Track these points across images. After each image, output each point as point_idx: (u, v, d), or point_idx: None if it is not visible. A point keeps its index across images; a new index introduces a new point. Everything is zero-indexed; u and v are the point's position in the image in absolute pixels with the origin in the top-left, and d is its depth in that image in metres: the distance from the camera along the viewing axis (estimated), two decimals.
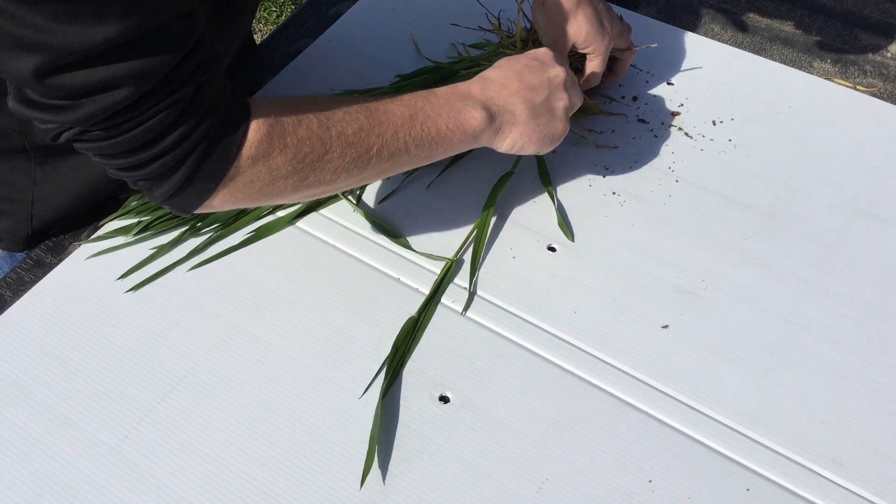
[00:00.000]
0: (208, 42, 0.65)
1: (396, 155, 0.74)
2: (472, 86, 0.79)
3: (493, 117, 0.78)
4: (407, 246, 0.87)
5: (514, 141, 0.80)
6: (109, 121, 0.61)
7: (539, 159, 0.95)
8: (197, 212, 0.69)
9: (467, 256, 0.87)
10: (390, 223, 0.90)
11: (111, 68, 0.58)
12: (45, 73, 0.56)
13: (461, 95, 0.78)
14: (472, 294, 0.84)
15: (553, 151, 0.96)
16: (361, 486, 0.72)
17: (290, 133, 0.68)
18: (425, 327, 0.82)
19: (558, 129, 0.82)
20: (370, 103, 0.74)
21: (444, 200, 0.92)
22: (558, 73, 0.82)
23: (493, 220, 0.90)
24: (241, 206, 0.72)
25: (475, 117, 0.77)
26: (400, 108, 0.74)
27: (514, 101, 0.79)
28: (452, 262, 0.86)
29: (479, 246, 0.87)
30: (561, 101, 0.81)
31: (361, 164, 0.72)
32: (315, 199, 0.84)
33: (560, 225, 0.89)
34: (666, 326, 0.82)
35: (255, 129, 0.67)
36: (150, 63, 0.59)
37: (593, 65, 0.93)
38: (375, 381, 0.78)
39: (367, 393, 0.77)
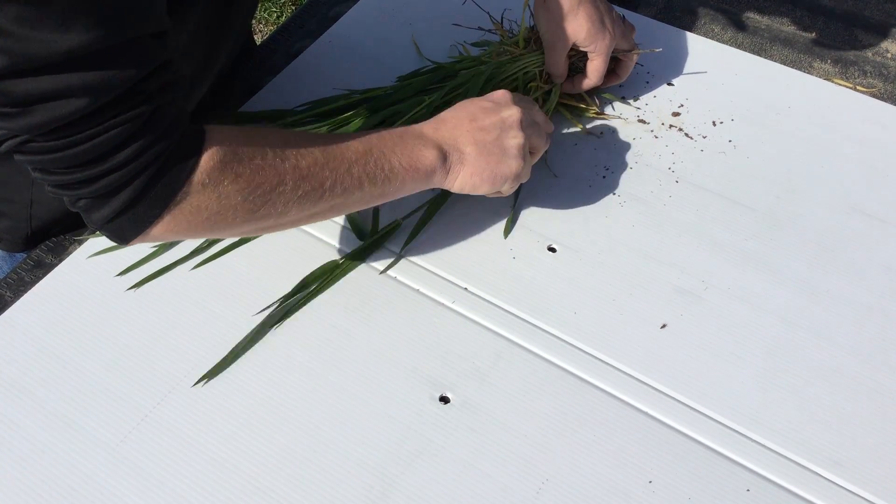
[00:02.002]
0: (176, 66, 0.64)
1: (349, 191, 0.73)
2: (425, 126, 0.79)
3: (444, 157, 0.77)
4: (381, 245, 0.88)
5: (464, 181, 0.79)
6: (58, 132, 0.58)
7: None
8: (133, 242, 0.66)
9: (464, 254, 0.87)
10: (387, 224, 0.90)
11: (68, 77, 0.56)
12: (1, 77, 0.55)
13: (414, 135, 0.77)
14: (399, 256, 0.86)
15: (553, 152, 0.96)
16: (194, 384, 0.77)
17: (245, 162, 0.67)
18: (343, 275, 0.85)
19: (512, 167, 0.80)
20: (326, 137, 0.74)
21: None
22: (512, 113, 0.80)
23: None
24: (182, 238, 0.71)
25: (428, 156, 0.76)
26: (355, 143, 0.74)
27: (463, 140, 0.78)
28: (398, 225, 0.88)
29: (428, 215, 0.89)
30: (514, 140, 0.79)
31: (314, 199, 0.71)
32: (261, 234, 0.83)
33: (508, 222, 0.90)
34: (664, 326, 0.82)
35: (209, 156, 0.65)
36: (109, 77, 0.58)
37: (594, 64, 0.93)
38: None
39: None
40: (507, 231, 0.89)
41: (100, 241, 0.88)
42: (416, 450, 0.74)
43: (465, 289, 0.85)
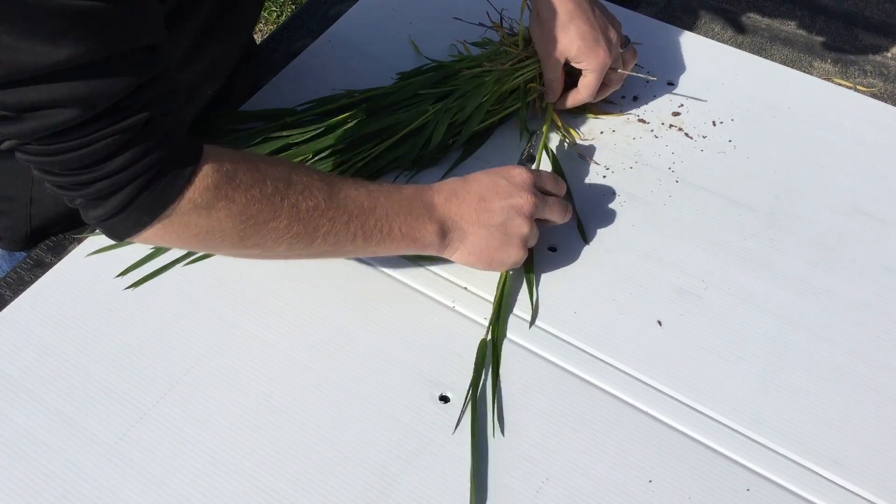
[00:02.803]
0: (170, 77, 0.64)
1: (341, 242, 0.74)
2: (437, 195, 0.78)
3: (444, 233, 0.78)
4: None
5: (462, 257, 0.80)
6: (51, 139, 0.60)
7: (555, 162, 0.94)
8: (129, 241, 0.68)
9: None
10: None
11: (57, 88, 0.57)
12: None
13: (424, 203, 0.77)
14: (535, 308, 0.83)
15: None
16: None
17: (242, 190, 0.67)
18: (501, 344, 0.80)
19: (511, 256, 0.80)
20: (335, 183, 0.73)
21: None
22: (525, 201, 0.79)
23: None
24: (175, 247, 0.71)
25: (428, 230, 0.77)
26: (362, 196, 0.74)
27: (468, 219, 0.78)
28: (506, 276, 0.84)
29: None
30: (519, 229, 0.79)
31: (305, 242, 0.72)
32: (250, 259, 0.84)
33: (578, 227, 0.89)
34: (664, 325, 0.82)
35: (205, 174, 0.66)
36: (100, 89, 0.58)
37: (586, 80, 0.92)
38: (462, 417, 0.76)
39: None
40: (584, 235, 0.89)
41: (99, 240, 0.88)
42: (416, 450, 0.74)
43: (465, 289, 0.85)
